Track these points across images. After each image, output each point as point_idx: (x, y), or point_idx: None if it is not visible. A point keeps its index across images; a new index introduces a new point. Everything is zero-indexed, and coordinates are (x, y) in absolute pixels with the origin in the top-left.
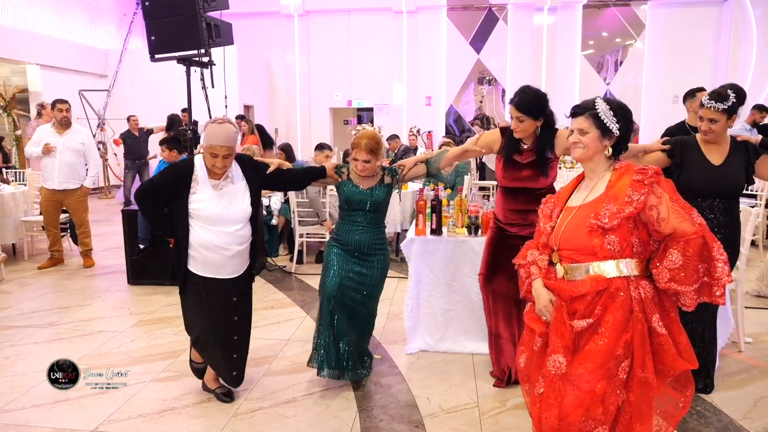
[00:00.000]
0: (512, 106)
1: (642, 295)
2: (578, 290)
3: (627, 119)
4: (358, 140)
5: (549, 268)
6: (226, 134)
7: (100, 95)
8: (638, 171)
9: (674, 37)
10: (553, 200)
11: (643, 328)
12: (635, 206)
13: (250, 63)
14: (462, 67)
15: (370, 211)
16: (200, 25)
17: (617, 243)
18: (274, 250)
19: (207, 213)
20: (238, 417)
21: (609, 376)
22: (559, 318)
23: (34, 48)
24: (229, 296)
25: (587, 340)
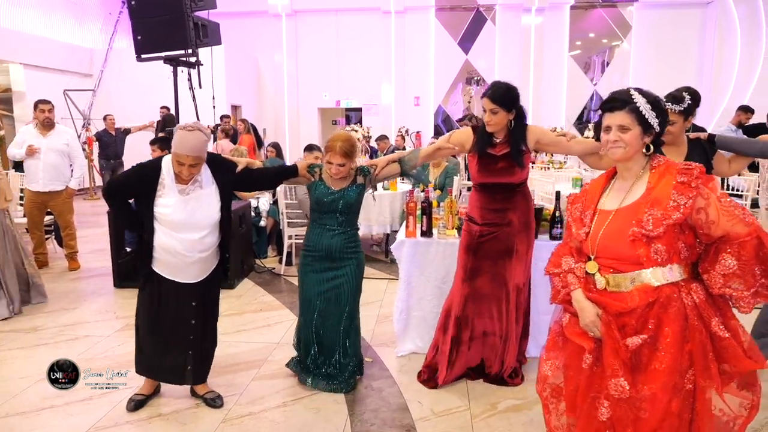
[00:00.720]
0: (486, 98)
1: (696, 300)
2: (627, 304)
3: (664, 112)
4: (332, 143)
5: (587, 277)
6: (193, 143)
7: (86, 95)
8: (682, 171)
9: (660, 38)
10: (581, 200)
11: (701, 336)
12: (683, 212)
13: (237, 63)
14: (450, 68)
15: (342, 212)
16: (187, 25)
17: (664, 251)
18: (262, 251)
19: (171, 218)
20: (228, 422)
21: (679, 391)
22: (611, 335)
23: (17, 47)
24: (188, 300)
25: (648, 357)
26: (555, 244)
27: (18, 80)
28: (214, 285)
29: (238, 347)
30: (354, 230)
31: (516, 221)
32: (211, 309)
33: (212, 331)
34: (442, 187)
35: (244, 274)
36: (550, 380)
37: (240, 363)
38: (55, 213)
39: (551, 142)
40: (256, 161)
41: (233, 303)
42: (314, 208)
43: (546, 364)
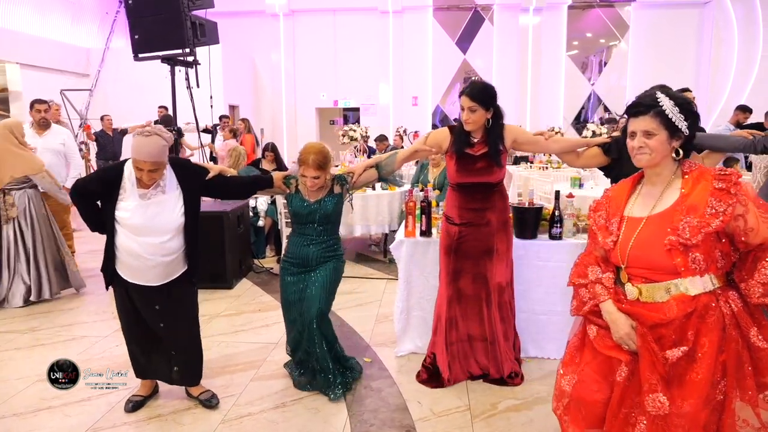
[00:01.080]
0: (464, 96)
1: (734, 309)
2: (665, 315)
3: (694, 113)
4: (304, 156)
5: (616, 288)
6: (151, 149)
7: (83, 95)
8: (718, 177)
9: (658, 38)
10: (605, 207)
11: (737, 346)
12: (723, 219)
13: (235, 62)
14: (448, 67)
15: (320, 223)
16: (185, 24)
17: (702, 260)
18: (260, 251)
19: (131, 222)
20: (226, 423)
21: (710, 401)
22: (648, 348)
23: (14, 47)
24: (151, 304)
25: (684, 369)
26: (554, 243)
27: (14, 80)
28: (183, 289)
29: (237, 347)
30: (333, 238)
31: (494, 220)
32: (182, 313)
33: (189, 335)
34: (441, 187)
35: (242, 274)
36: (568, 396)
37: (238, 363)
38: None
39: (528, 141)
40: (230, 169)
41: (231, 303)
42: (293, 220)
43: (564, 380)
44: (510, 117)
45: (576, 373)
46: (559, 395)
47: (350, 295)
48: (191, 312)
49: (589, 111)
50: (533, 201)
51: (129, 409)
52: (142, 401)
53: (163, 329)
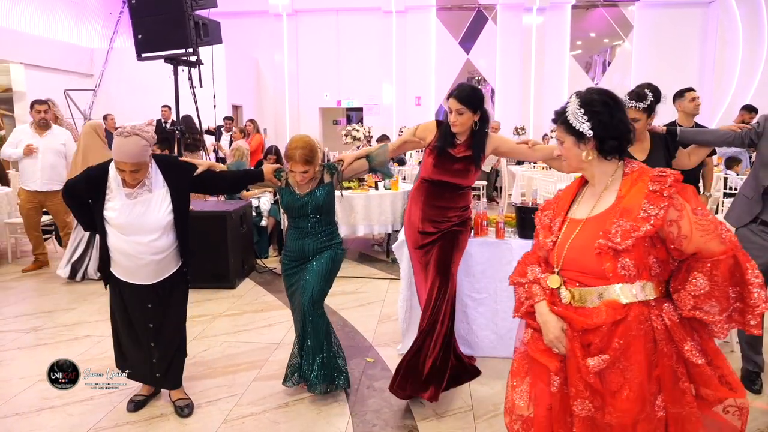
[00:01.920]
0: (452, 98)
1: (667, 323)
2: (593, 321)
3: (604, 111)
4: (291, 151)
5: (553, 290)
6: (130, 150)
7: (86, 95)
8: (654, 178)
9: (662, 38)
10: (552, 207)
11: (670, 361)
12: (653, 223)
13: (238, 62)
14: (451, 67)
15: (313, 215)
16: (188, 24)
17: (633, 266)
18: (263, 251)
19: (118, 222)
20: (229, 423)
21: (648, 420)
22: (573, 353)
23: (18, 47)
24: (143, 303)
25: (617, 385)
26: None
27: (19, 80)
28: (174, 288)
29: (239, 347)
30: (329, 228)
31: (455, 218)
32: (173, 313)
33: (176, 337)
34: None
35: (245, 274)
36: (520, 411)
37: (241, 363)
38: (52, 213)
39: (511, 149)
40: (218, 164)
41: (234, 303)
42: (286, 213)
43: (516, 392)
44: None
45: (531, 388)
46: (509, 410)
47: (353, 295)
48: (181, 312)
49: None
50: (536, 201)
51: (131, 408)
52: (143, 401)
53: (152, 330)
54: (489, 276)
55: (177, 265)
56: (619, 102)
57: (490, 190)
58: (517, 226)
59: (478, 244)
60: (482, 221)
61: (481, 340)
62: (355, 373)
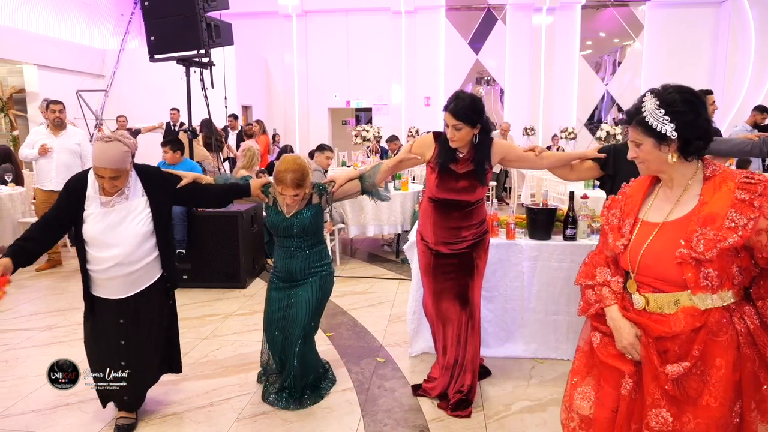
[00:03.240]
0: (448, 113)
1: (750, 326)
2: (671, 329)
3: (689, 110)
4: (282, 174)
5: (623, 293)
6: (111, 156)
7: (98, 95)
8: (742, 186)
9: (672, 38)
10: (620, 206)
11: (753, 366)
12: (741, 234)
13: (248, 63)
14: (460, 68)
15: (298, 236)
16: (200, 26)
17: (716, 277)
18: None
19: (94, 230)
20: (241, 422)
21: (725, 426)
22: (650, 360)
23: (31, 48)
24: (115, 318)
25: (698, 391)
26: (568, 244)
27: (32, 81)
28: (154, 301)
29: (250, 347)
30: (318, 247)
31: (470, 237)
32: (145, 328)
33: (147, 358)
34: None
35: (255, 273)
36: (580, 410)
37: (252, 362)
38: None
39: (518, 157)
40: (205, 177)
41: (245, 302)
42: (272, 232)
43: (576, 391)
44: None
45: (593, 389)
46: (569, 406)
47: (363, 295)
48: (159, 326)
49: (603, 111)
50: (547, 202)
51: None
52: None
53: (124, 347)
54: (499, 276)
55: (154, 278)
56: (702, 99)
57: (499, 191)
58: (527, 226)
59: None
60: (493, 222)
61: (490, 340)
62: (366, 373)
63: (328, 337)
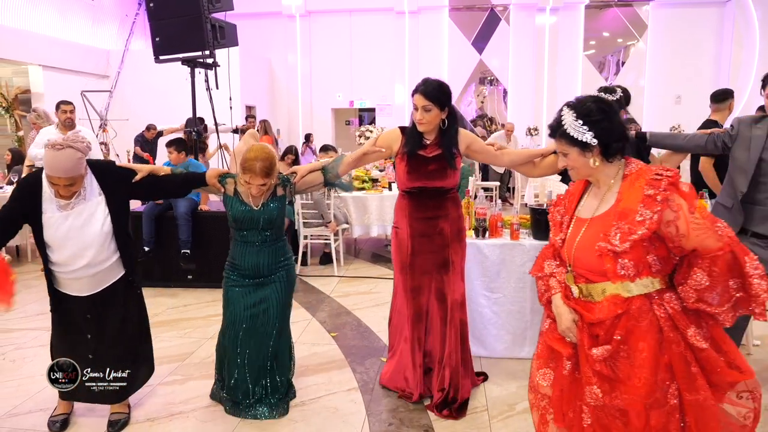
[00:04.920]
0: (418, 94)
1: (669, 311)
2: (596, 315)
3: (604, 119)
4: (251, 163)
5: (567, 283)
6: (63, 164)
7: (102, 96)
8: (650, 182)
9: (676, 38)
10: (563, 203)
11: (679, 347)
12: (648, 226)
13: (251, 63)
14: (464, 68)
15: (264, 229)
16: (205, 27)
17: (632, 267)
18: None
19: (53, 236)
20: (246, 421)
21: (660, 406)
22: (582, 343)
23: (36, 49)
24: (82, 314)
25: (626, 372)
26: None
27: (37, 82)
28: (114, 298)
29: None
30: (281, 242)
31: (448, 230)
32: (113, 322)
33: (123, 348)
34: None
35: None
36: (543, 390)
37: None
38: None
39: (481, 149)
40: (162, 168)
41: None
42: (233, 226)
43: (539, 374)
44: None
45: (552, 370)
46: (533, 388)
47: (367, 295)
48: (126, 321)
49: None
50: (551, 202)
51: (56, 429)
52: (66, 419)
53: (91, 341)
54: (503, 277)
55: (118, 275)
56: (612, 105)
57: (503, 191)
58: (531, 227)
59: (492, 245)
60: (497, 222)
61: (495, 341)
62: (371, 373)
63: (333, 337)
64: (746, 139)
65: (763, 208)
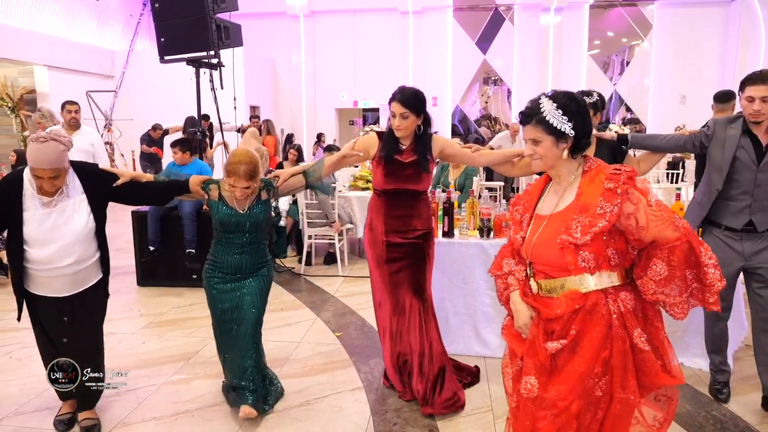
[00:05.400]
0: (396, 102)
1: (621, 309)
2: (555, 311)
3: (580, 112)
4: (235, 166)
5: (525, 281)
6: (49, 156)
7: (107, 96)
8: (610, 177)
9: (681, 38)
10: (522, 203)
11: (623, 345)
12: (608, 219)
13: (255, 63)
14: (468, 68)
15: (250, 232)
16: (210, 27)
17: (592, 259)
18: (282, 251)
19: (37, 232)
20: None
21: (585, 395)
22: (536, 337)
23: (41, 49)
24: (59, 316)
25: (565, 360)
26: None
27: (42, 82)
28: (95, 299)
29: None
30: (263, 244)
31: (420, 227)
32: (90, 326)
33: (94, 352)
34: (462, 188)
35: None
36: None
37: None
38: None
39: (456, 153)
40: (144, 174)
41: None
42: (218, 228)
43: (507, 375)
44: None
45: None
46: (506, 387)
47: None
48: (98, 324)
49: (611, 111)
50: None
51: (62, 429)
52: (72, 419)
53: (66, 344)
54: None
55: (97, 277)
56: (585, 104)
57: (507, 191)
58: None
59: (497, 245)
60: (501, 222)
61: (498, 340)
62: (375, 372)
63: (337, 336)
64: (721, 138)
65: (735, 204)
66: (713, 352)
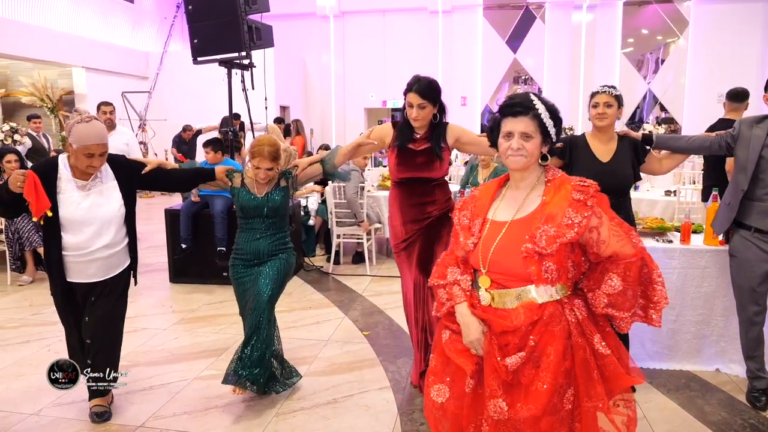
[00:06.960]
0: (413, 93)
1: (579, 317)
2: (512, 323)
3: (560, 120)
4: (258, 148)
5: (472, 291)
6: (98, 132)
7: (142, 96)
8: (577, 188)
9: (720, 34)
10: (470, 207)
11: (584, 354)
12: (577, 230)
13: (286, 64)
14: (498, 67)
15: (268, 216)
16: (242, 28)
17: (555, 270)
18: (311, 250)
19: (72, 215)
20: (280, 417)
21: (556, 411)
22: (491, 354)
23: (79, 51)
24: (87, 297)
25: (530, 377)
26: None
27: (80, 83)
28: (120, 288)
29: (289, 344)
30: (283, 232)
31: (436, 213)
32: (111, 307)
33: (111, 338)
34: (465, 185)
35: (293, 272)
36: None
37: (291, 359)
38: None
39: (471, 141)
40: (169, 162)
41: (283, 300)
42: (240, 215)
43: (433, 389)
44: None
45: (447, 386)
46: (429, 407)
47: (399, 295)
48: (121, 309)
49: (645, 110)
50: None
51: (99, 420)
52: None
53: (88, 323)
54: None
55: (126, 262)
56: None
57: None
58: None
59: None
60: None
61: None
62: (403, 372)
63: (365, 336)
64: (747, 138)
65: (761, 204)
66: (749, 358)
